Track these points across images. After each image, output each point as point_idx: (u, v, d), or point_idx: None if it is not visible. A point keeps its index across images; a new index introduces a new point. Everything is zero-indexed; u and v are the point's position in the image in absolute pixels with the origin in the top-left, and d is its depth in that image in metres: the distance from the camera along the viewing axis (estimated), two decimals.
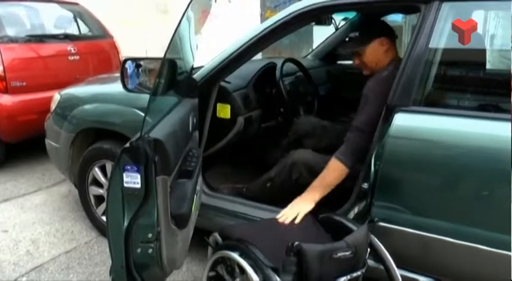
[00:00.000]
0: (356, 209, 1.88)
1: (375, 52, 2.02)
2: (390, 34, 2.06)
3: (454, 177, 1.65)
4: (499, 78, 1.71)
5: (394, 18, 4.96)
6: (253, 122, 2.41)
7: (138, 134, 1.30)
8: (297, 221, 1.82)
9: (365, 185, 1.80)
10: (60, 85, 2.97)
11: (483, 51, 1.88)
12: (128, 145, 1.29)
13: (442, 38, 1.72)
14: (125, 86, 1.97)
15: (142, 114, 1.91)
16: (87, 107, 2.59)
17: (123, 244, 1.36)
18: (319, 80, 2.99)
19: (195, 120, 1.89)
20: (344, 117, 2.77)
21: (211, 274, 1.72)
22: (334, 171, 1.92)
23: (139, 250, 1.39)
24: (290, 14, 1.96)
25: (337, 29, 3.17)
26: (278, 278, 1.40)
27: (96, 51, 4.42)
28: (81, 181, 2.68)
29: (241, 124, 2.31)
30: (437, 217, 1.69)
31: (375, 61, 2.04)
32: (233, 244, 1.59)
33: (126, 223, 1.34)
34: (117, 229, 1.35)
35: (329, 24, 3.04)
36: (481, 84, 1.81)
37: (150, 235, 1.37)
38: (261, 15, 6.79)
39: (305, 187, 1.97)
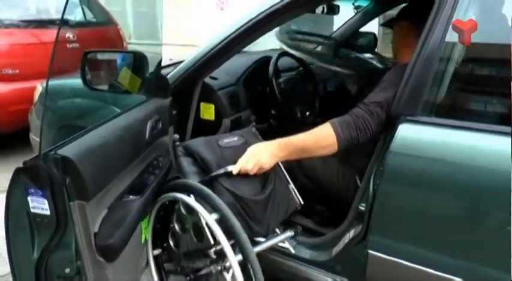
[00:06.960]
0: (352, 233, 1.60)
1: (401, 33, 1.80)
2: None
3: (468, 203, 1.34)
4: None
5: None
6: (242, 124, 2.12)
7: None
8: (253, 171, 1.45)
9: (362, 207, 1.53)
10: (57, 74, 2.76)
11: None
12: (21, 165, 1.04)
13: None
14: (86, 83, 1.64)
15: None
16: (68, 101, 2.48)
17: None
18: (326, 75, 2.64)
19: (160, 125, 1.60)
20: None
21: None
22: (322, 137, 1.51)
23: None
24: None
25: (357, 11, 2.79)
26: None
27: (98, 39, 4.21)
28: None
29: (227, 127, 2.04)
30: (445, 253, 1.37)
31: (397, 46, 1.84)
32: None
33: (36, 255, 1.09)
34: (25, 263, 1.10)
35: (337, 13, 2.69)
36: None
37: (67, 270, 1.11)
38: None
39: None
